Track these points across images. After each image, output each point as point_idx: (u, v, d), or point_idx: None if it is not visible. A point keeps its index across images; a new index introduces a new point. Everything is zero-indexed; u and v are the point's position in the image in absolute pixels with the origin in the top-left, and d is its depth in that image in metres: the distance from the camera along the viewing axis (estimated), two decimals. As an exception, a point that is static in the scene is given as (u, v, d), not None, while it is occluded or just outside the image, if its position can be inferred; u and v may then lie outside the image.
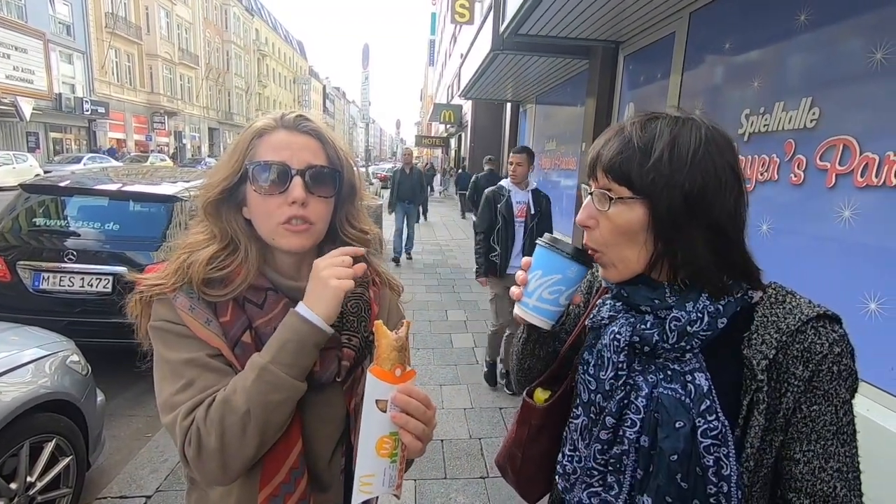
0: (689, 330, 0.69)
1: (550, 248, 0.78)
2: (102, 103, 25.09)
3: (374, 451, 0.67)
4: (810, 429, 0.66)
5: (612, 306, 0.79)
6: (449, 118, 20.75)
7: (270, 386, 0.72)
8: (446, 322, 5.26)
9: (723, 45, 3.63)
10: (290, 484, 0.78)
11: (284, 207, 0.80)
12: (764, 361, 0.67)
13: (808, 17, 2.80)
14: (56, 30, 22.68)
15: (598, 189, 0.73)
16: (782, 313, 0.69)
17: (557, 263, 0.78)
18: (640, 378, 0.73)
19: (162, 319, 0.79)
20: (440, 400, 3.51)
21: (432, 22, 35.44)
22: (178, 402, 0.74)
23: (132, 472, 2.55)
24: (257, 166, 0.80)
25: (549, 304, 0.79)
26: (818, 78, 2.73)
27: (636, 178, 0.69)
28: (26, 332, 2.35)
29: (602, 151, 0.74)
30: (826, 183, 2.57)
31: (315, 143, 0.84)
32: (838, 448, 0.66)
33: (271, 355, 0.73)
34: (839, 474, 0.66)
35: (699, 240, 0.69)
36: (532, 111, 10.10)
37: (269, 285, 0.84)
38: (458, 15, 13.48)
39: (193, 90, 36.01)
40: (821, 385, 0.66)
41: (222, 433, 0.71)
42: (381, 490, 0.67)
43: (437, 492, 2.54)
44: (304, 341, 0.74)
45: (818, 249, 2.65)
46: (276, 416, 0.74)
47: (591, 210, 0.75)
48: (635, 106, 5.16)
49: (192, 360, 0.76)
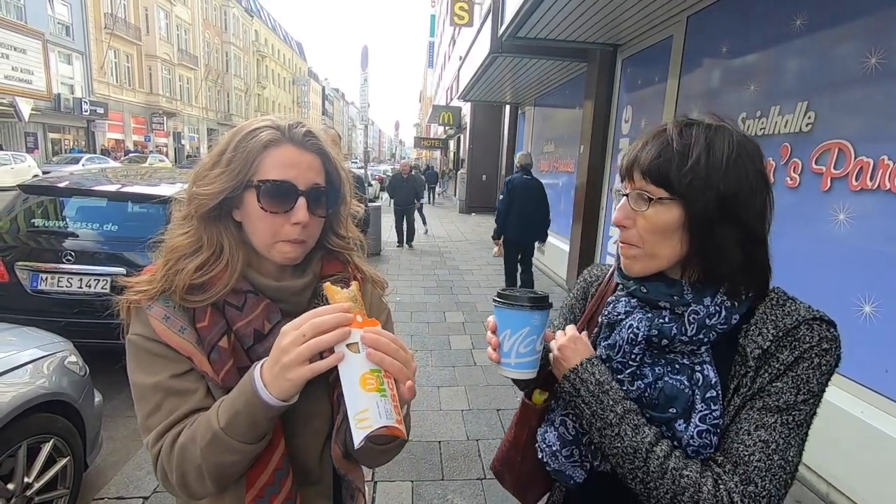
0: (708, 323, 0.73)
1: (510, 307, 0.81)
2: (101, 104, 25.05)
3: (359, 388, 0.66)
4: (762, 400, 0.69)
5: (627, 303, 0.83)
6: (448, 120, 20.78)
7: (223, 450, 0.71)
8: (444, 324, 5.26)
9: (720, 49, 3.65)
10: (275, 485, 0.79)
11: (287, 226, 0.80)
12: (757, 351, 0.71)
13: (803, 22, 2.82)
14: (55, 30, 22.65)
15: (636, 190, 0.77)
16: (781, 314, 0.73)
17: (522, 318, 0.80)
18: (648, 369, 0.78)
19: (136, 334, 0.79)
20: (438, 402, 3.52)
21: (431, 24, 35.51)
22: (150, 426, 0.76)
23: (129, 473, 2.55)
24: (267, 184, 0.79)
25: (528, 355, 0.82)
26: (813, 82, 2.75)
27: (675, 180, 0.73)
28: (24, 332, 2.35)
29: (640, 155, 0.77)
30: (821, 186, 2.59)
31: (319, 161, 0.84)
32: (776, 424, 0.68)
33: (226, 420, 0.70)
34: (763, 445, 0.67)
35: (731, 240, 0.72)
36: (531, 113, 10.13)
37: (249, 287, 0.82)
38: (458, 17, 13.51)
39: (192, 91, 35.98)
40: (796, 369, 0.69)
41: (182, 474, 0.73)
42: (380, 422, 0.64)
43: (434, 493, 2.55)
44: (255, 416, 0.69)
45: (813, 252, 2.67)
46: (234, 470, 0.74)
47: (627, 210, 0.78)
48: (633, 109, 5.18)
49: (157, 385, 0.76)
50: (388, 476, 2.64)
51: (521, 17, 4.66)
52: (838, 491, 2.39)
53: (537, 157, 9.05)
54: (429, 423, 3.22)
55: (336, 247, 0.93)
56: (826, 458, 2.41)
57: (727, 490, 0.66)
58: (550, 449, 0.86)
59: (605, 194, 5.79)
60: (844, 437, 2.31)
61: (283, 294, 0.85)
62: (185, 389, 0.77)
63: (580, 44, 5.41)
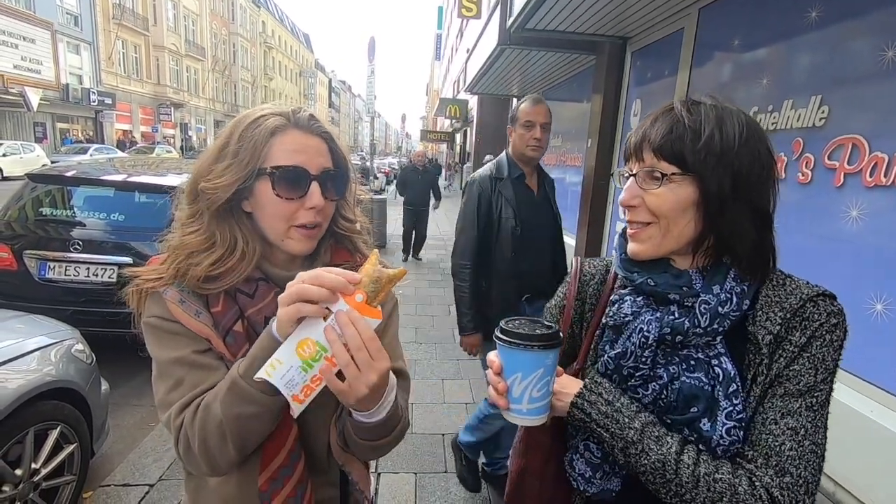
0: (721, 311, 0.71)
1: (520, 347, 0.70)
2: (109, 94, 25.14)
3: (295, 346, 0.66)
4: (783, 386, 0.68)
5: (633, 302, 0.79)
6: (454, 113, 20.69)
7: (241, 398, 0.71)
8: (449, 316, 5.26)
9: (732, 42, 3.59)
10: (289, 467, 0.79)
11: (301, 212, 0.81)
12: (768, 336, 0.70)
13: (818, 14, 2.77)
14: (64, 20, 22.70)
15: (645, 168, 0.75)
16: (784, 294, 0.72)
17: (534, 360, 0.70)
18: (661, 370, 0.76)
19: (153, 316, 0.79)
20: (442, 394, 3.52)
21: (439, 16, 35.28)
22: (171, 401, 0.76)
23: (136, 461, 2.58)
24: (279, 171, 0.79)
25: (541, 399, 0.73)
26: (827, 76, 2.70)
27: (689, 156, 0.71)
28: (32, 320, 2.37)
29: (649, 132, 0.75)
30: (834, 182, 2.55)
31: (324, 144, 0.85)
32: (801, 409, 0.67)
33: (244, 368, 0.72)
34: (792, 433, 0.66)
35: (745, 218, 0.72)
36: (538, 107, 10.04)
37: (260, 275, 0.84)
38: (466, 9, 13.40)
39: (199, 82, 36.01)
40: (811, 349, 0.68)
41: (205, 438, 0.73)
42: (277, 383, 0.65)
43: (436, 485, 2.55)
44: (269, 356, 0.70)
45: (825, 249, 2.63)
46: (253, 427, 0.74)
47: (634, 190, 0.76)
48: (642, 102, 5.12)
49: (180, 359, 0.77)
50: (392, 468, 2.65)
51: (531, 9, 4.60)
52: (845, 490, 2.37)
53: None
54: (433, 416, 3.23)
55: (345, 230, 0.93)
56: (833, 457, 2.37)
57: (764, 486, 0.65)
58: (584, 477, 0.83)
59: (613, 189, 5.74)
60: (853, 435, 2.29)
61: None
62: (207, 364, 0.78)
63: (589, 36, 5.35)
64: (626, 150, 0.79)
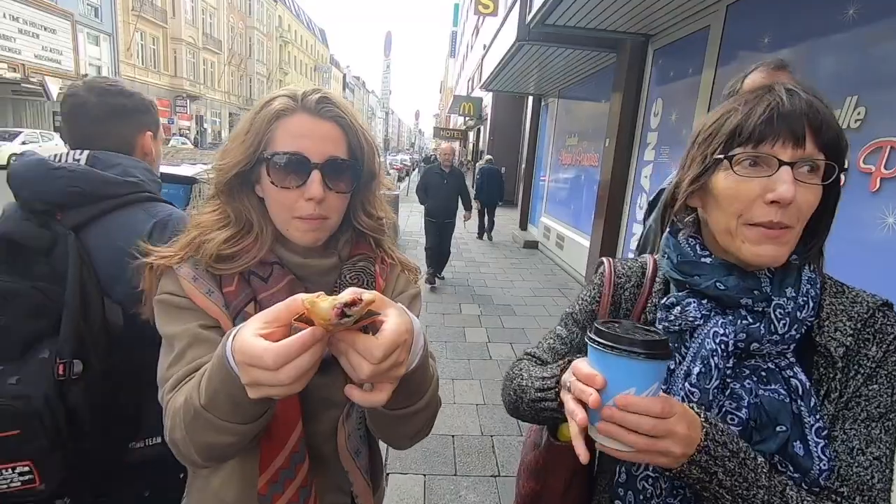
0: (799, 316, 0.65)
1: (640, 357, 0.55)
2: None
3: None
4: (861, 408, 0.63)
5: (698, 305, 0.69)
6: (468, 111, 20.58)
7: (211, 429, 0.63)
8: (460, 315, 5.20)
9: (761, 40, 3.48)
10: (290, 469, 0.74)
11: (301, 202, 0.75)
12: (841, 349, 0.64)
13: (856, 12, 2.65)
14: (84, 11, 22.97)
15: (809, 159, 0.62)
16: (848, 303, 0.67)
17: (651, 371, 0.57)
18: (737, 384, 0.67)
19: (165, 292, 0.77)
20: (452, 394, 3.46)
21: (455, 13, 35.20)
22: (168, 377, 0.73)
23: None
24: (275, 157, 0.74)
25: None
26: (865, 76, 2.59)
27: (843, 150, 0.64)
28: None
29: (809, 114, 0.61)
30: (870, 187, 2.44)
31: (337, 130, 0.78)
32: (881, 434, 0.62)
33: (206, 399, 0.61)
34: (878, 463, 0.61)
35: (833, 214, 0.68)
36: (554, 105, 9.92)
37: (275, 259, 0.80)
38: (482, 6, 13.32)
39: (216, 75, 36.28)
40: (887, 366, 0.63)
41: (173, 442, 0.69)
42: None
43: (446, 488, 2.49)
44: (235, 396, 0.58)
45: (858, 257, 2.52)
46: (229, 451, 0.68)
47: (793, 184, 0.61)
48: (663, 102, 5.01)
49: (185, 331, 0.73)
50: (401, 468, 2.60)
51: (552, 4, 4.51)
52: None
53: (559, 151, 8.89)
54: (442, 417, 3.15)
55: (366, 227, 0.87)
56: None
57: None
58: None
59: (630, 190, 5.63)
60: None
61: (307, 272, 0.82)
62: (211, 340, 0.73)
63: (610, 33, 5.24)
64: (776, 123, 0.61)
